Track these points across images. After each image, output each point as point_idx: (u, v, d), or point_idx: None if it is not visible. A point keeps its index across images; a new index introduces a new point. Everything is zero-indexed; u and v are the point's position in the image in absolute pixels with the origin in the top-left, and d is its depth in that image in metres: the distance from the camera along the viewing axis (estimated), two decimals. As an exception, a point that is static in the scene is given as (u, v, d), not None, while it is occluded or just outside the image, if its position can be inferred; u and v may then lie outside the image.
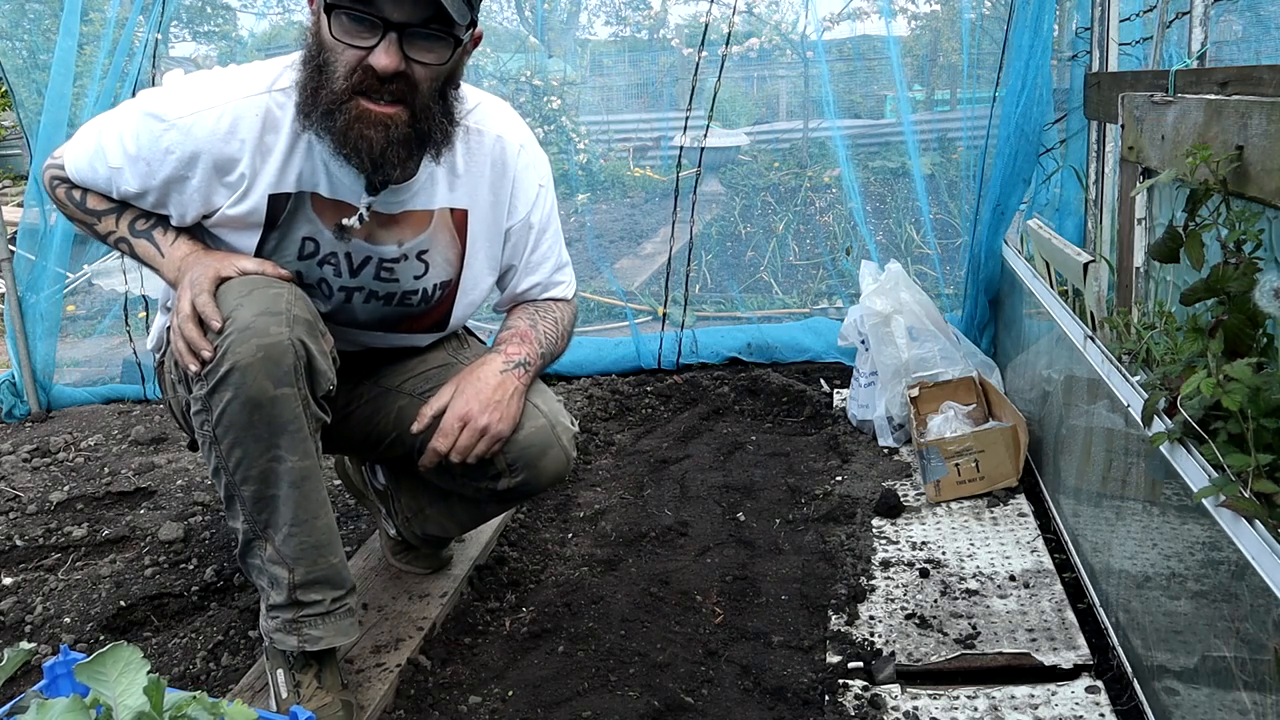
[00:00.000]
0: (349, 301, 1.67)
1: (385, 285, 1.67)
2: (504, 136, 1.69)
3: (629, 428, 3.07)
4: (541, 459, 1.71)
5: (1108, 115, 2.62)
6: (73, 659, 1.39)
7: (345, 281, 1.64)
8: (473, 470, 1.71)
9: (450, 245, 1.68)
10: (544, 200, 1.76)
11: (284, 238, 1.59)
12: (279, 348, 1.43)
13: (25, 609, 2.07)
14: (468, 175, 1.66)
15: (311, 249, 1.60)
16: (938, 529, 2.27)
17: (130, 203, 1.61)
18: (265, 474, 1.49)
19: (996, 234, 3.00)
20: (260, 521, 1.53)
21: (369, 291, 1.67)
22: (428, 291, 1.70)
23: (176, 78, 1.58)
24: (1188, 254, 1.50)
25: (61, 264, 3.38)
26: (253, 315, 1.43)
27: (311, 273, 1.62)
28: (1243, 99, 1.54)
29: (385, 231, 1.62)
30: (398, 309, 1.71)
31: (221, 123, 1.51)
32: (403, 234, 1.63)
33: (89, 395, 3.53)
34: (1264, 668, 1.13)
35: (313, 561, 1.55)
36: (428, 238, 1.65)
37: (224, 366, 1.42)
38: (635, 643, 1.87)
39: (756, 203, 5.19)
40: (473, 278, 1.74)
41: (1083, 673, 1.70)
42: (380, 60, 1.38)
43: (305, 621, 1.58)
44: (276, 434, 1.47)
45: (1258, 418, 1.27)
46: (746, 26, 4.31)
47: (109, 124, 1.58)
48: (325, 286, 1.64)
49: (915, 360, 2.74)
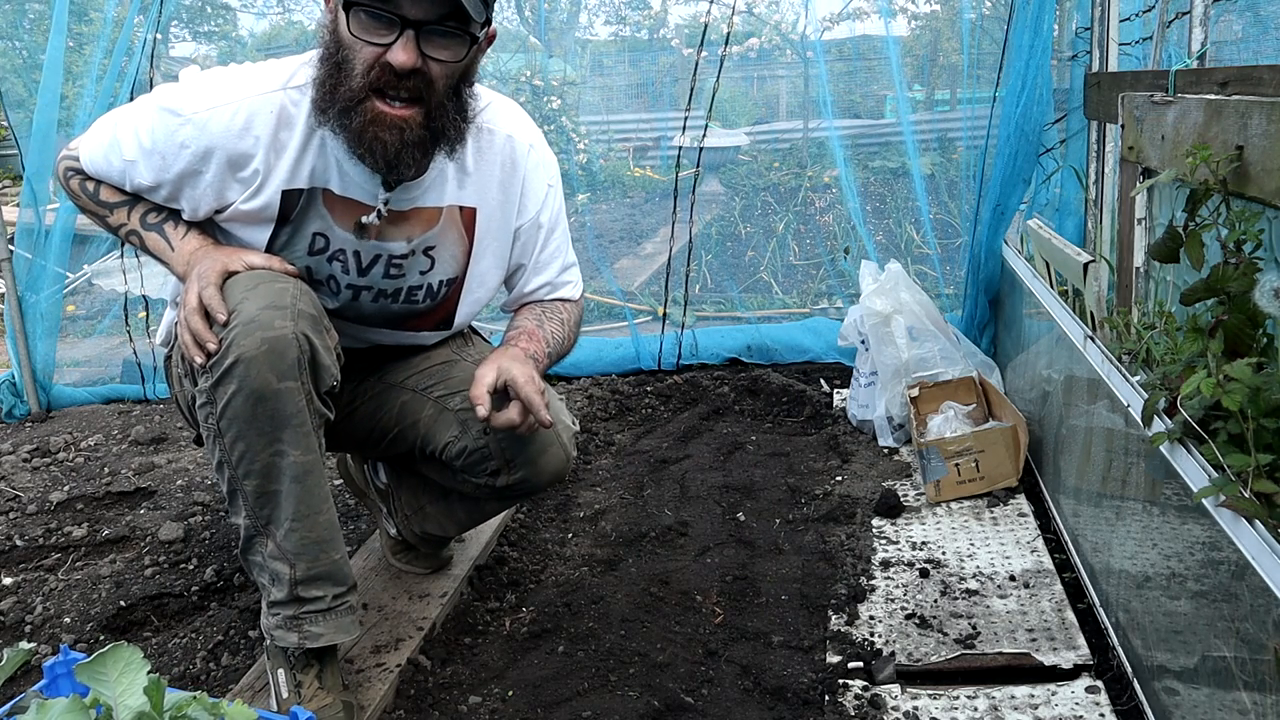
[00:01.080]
0: (356, 299, 1.67)
1: (393, 283, 1.67)
2: (514, 136, 1.70)
3: (629, 428, 3.07)
4: (541, 456, 1.71)
5: (1108, 115, 2.62)
6: (73, 659, 1.38)
7: (354, 280, 1.65)
8: (473, 465, 1.72)
9: (458, 242, 1.69)
10: (553, 200, 1.77)
11: (295, 233, 1.59)
12: (283, 341, 1.43)
13: (25, 609, 2.07)
14: (477, 173, 1.66)
15: (321, 245, 1.61)
16: (938, 529, 2.27)
17: (143, 196, 1.61)
18: (267, 468, 1.49)
19: (996, 234, 3.00)
20: (262, 517, 1.53)
21: (377, 290, 1.67)
22: (433, 287, 1.71)
23: (192, 74, 1.59)
24: (1188, 254, 1.50)
25: (61, 264, 3.38)
26: (258, 309, 1.43)
27: (321, 269, 1.63)
28: (1243, 99, 1.55)
29: (395, 228, 1.63)
30: (404, 306, 1.71)
31: (237, 119, 1.51)
32: (412, 230, 1.64)
33: (89, 395, 3.53)
34: (1264, 668, 1.13)
35: (314, 558, 1.55)
36: (436, 234, 1.66)
37: (228, 359, 1.43)
38: (635, 643, 1.87)
39: (756, 203, 5.19)
40: (479, 275, 1.74)
41: (1083, 673, 1.70)
42: (398, 57, 1.39)
43: (306, 618, 1.58)
44: (279, 428, 1.47)
45: (1258, 418, 1.27)
46: (746, 26, 4.31)
47: (125, 118, 1.59)
48: (333, 283, 1.65)
49: (915, 360, 2.74)
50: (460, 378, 1.78)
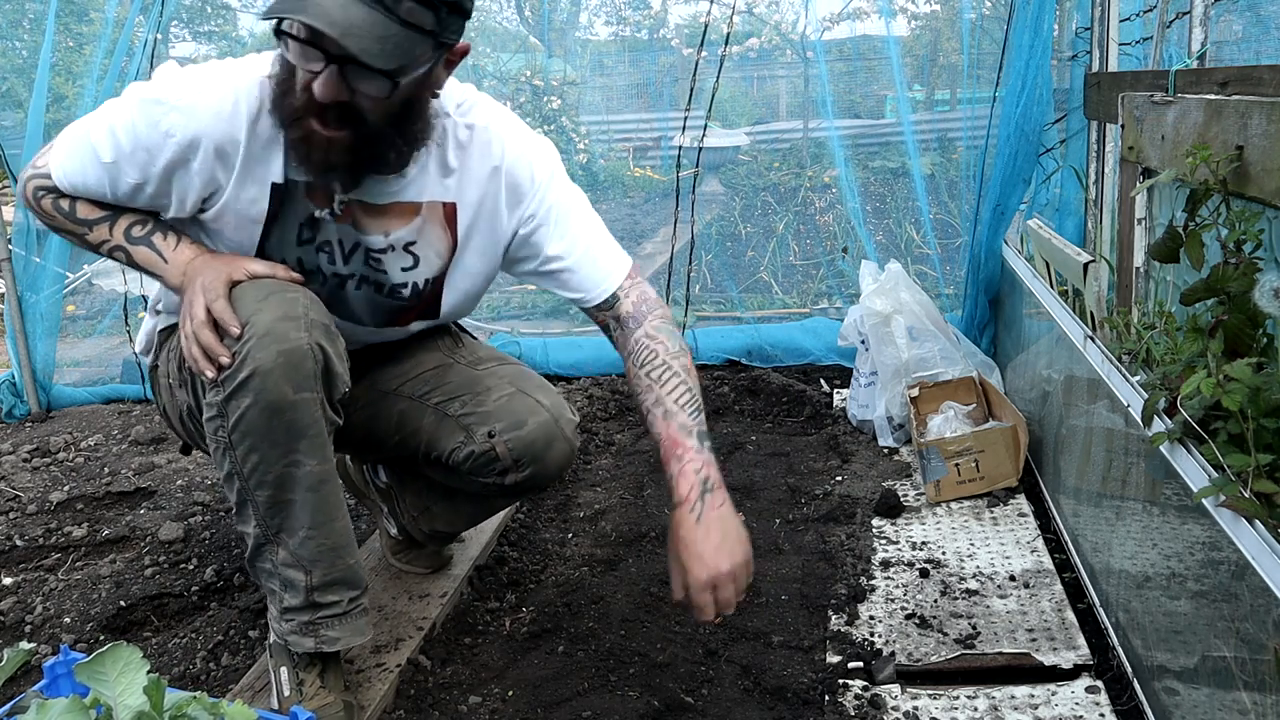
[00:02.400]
0: (342, 288, 1.65)
1: (375, 274, 1.65)
2: (494, 132, 1.64)
3: (629, 428, 3.07)
4: (547, 452, 1.72)
5: (1108, 115, 2.62)
6: (73, 659, 1.38)
7: (339, 269, 1.63)
8: (480, 468, 1.72)
9: (441, 239, 1.65)
10: (548, 192, 1.68)
11: (284, 224, 1.57)
12: (299, 353, 1.43)
13: (25, 609, 2.07)
14: (461, 171, 1.63)
15: (309, 235, 1.59)
16: (938, 529, 2.27)
17: (125, 206, 1.57)
18: (281, 479, 1.49)
19: (996, 234, 3.00)
20: (274, 526, 1.53)
21: (360, 277, 1.65)
22: (418, 285, 1.68)
23: (170, 68, 1.56)
24: (1188, 254, 1.50)
25: (61, 264, 3.38)
26: (271, 320, 1.42)
27: (310, 259, 1.61)
28: (1243, 99, 1.55)
29: (372, 221, 1.60)
30: (388, 300, 1.69)
31: (224, 103, 1.48)
32: (389, 225, 1.61)
33: (89, 395, 3.53)
34: (1264, 668, 1.13)
35: (331, 563, 1.56)
36: (415, 230, 1.63)
37: (243, 372, 1.42)
38: (635, 643, 1.87)
39: (756, 203, 5.20)
40: (463, 272, 1.71)
41: (1083, 673, 1.70)
42: (319, 90, 1.36)
43: (323, 623, 1.58)
44: (295, 438, 1.47)
45: (1258, 418, 1.28)
46: (746, 26, 4.31)
47: (97, 123, 1.54)
48: (320, 274, 1.63)
49: (915, 360, 2.74)
50: (456, 382, 1.77)
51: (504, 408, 1.73)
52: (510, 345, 3.56)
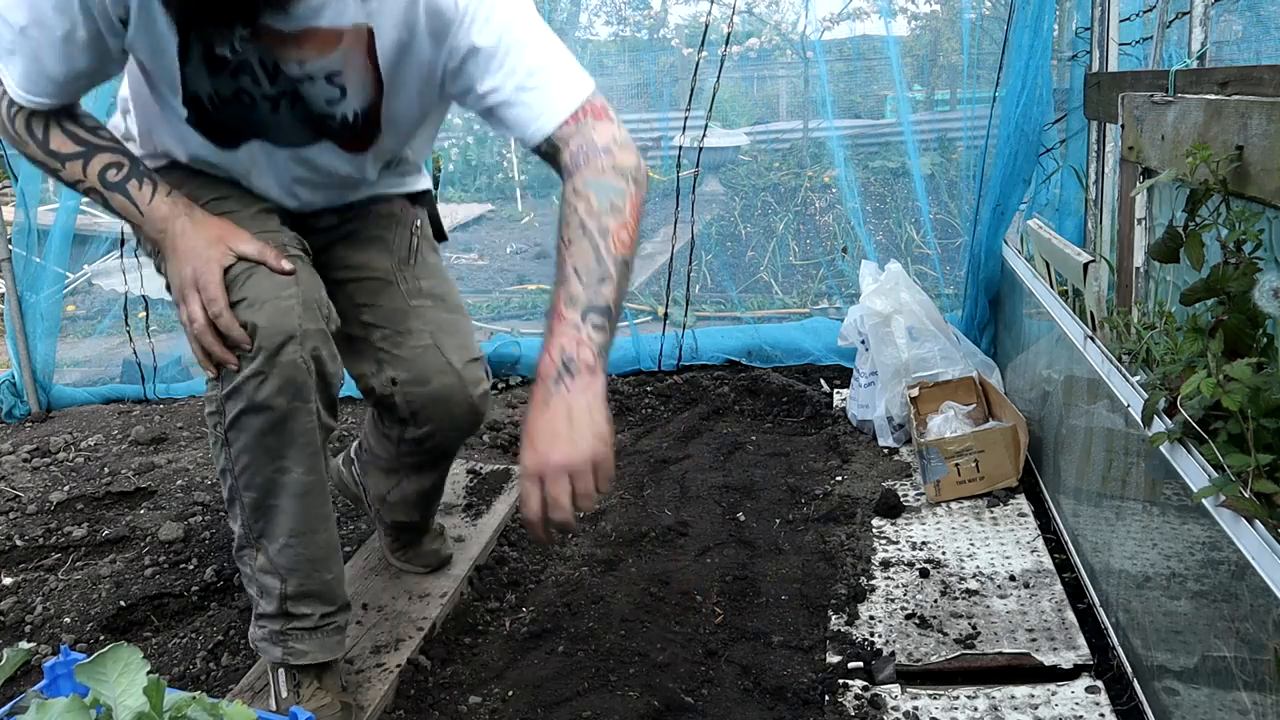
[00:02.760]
0: (276, 111, 1.51)
1: (303, 88, 1.49)
2: None
3: (629, 428, 3.07)
4: (446, 414, 1.75)
5: (1108, 115, 2.62)
6: (73, 659, 1.38)
7: (266, 90, 1.48)
8: (382, 411, 1.78)
9: (365, 68, 1.47)
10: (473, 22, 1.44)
11: (194, 51, 1.42)
12: (293, 366, 1.43)
13: (25, 609, 2.07)
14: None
15: (221, 61, 1.44)
16: (938, 529, 2.27)
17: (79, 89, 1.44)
18: (268, 484, 1.49)
19: (996, 234, 3.00)
20: (256, 530, 1.53)
21: (292, 94, 1.49)
22: (348, 118, 1.54)
23: None
24: (1188, 254, 1.50)
25: (61, 264, 3.38)
26: (266, 323, 1.42)
27: (227, 86, 1.47)
28: (1243, 99, 1.55)
29: (285, 50, 1.42)
30: (321, 119, 1.54)
31: None
32: (304, 54, 1.42)
33: (89, 395, 3.53)
34: (1264, 668, 1.13)
35: (307, 575, 1.56)
36: (339, 59, 1.44)
37: (238, 377, 1.43)
38: (635, 643, 1.87)
39: (756, 203, 5.20)
40: (401, 105, 1.56)
41: (1083, 673, 1.70)
42: None
43: (292, 634, 1.58)
44: (285, 446, 1.47)
45: (1258, 418, 1.28)
46: (746, 26, 4.31)
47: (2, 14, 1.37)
48: (246, 97, 1.49)
49: (915, 360, 2.74)
50: (387, 309, 1.75)
51: (416, 359, 1.72)
52: (510, 345, 3.56)
